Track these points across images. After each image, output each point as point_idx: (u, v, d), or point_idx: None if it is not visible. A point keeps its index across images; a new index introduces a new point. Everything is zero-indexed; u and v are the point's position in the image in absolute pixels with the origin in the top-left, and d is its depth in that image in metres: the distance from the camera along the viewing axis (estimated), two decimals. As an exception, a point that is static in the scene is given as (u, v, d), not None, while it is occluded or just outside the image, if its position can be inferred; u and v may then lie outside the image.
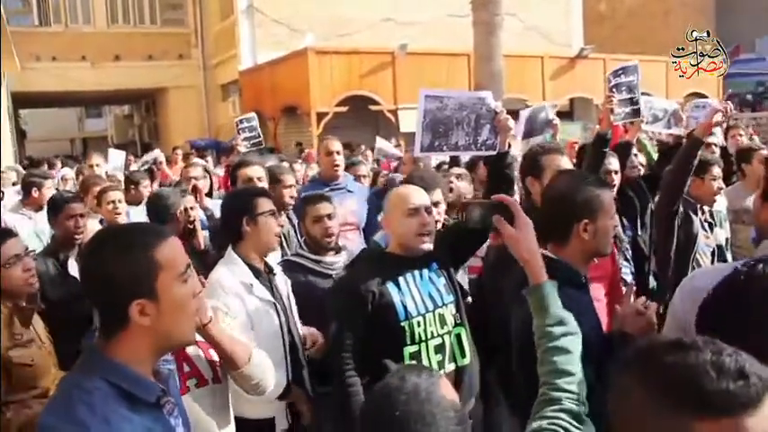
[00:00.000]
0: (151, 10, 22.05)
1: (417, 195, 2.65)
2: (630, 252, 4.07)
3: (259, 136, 6.55)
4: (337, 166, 4.73)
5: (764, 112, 18.82)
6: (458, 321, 2.66)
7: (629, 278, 3.96)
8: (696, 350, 0.99)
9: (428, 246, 2.60)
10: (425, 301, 2.59)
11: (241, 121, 6.61)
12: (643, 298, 2.09)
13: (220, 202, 3.63)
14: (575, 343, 1.59)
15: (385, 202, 2.75)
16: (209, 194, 5.36)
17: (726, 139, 5.77)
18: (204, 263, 3.14)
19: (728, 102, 3.99)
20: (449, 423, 1.22)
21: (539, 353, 1.60)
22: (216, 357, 2.35)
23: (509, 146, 2.91)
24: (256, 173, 4.15)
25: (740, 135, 5.93)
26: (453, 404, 1.27)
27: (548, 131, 5.55)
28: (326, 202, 3.34)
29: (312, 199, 3.42)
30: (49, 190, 5.50)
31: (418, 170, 4.08)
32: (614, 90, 4.41)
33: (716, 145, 4.75)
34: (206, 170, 7.63)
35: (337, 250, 3.33)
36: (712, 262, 3.79)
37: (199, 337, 2.04)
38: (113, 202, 4.51)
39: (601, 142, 3.86)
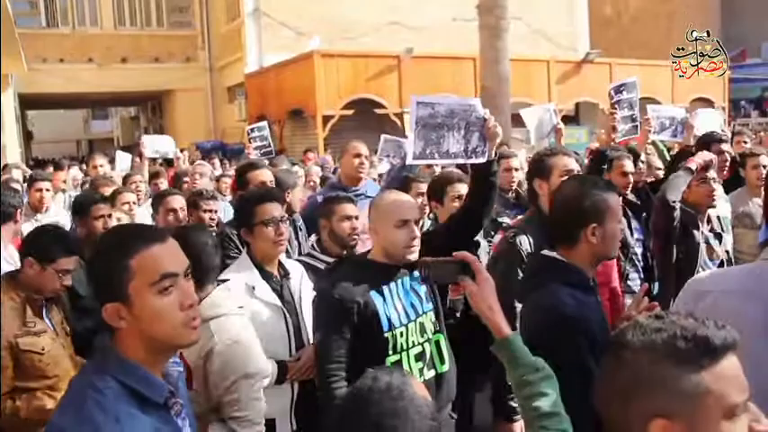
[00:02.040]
0: (158, 12, 22.13)
1: (408, 207, 2.56)
2: (641, 258, 4.02)
3: (270, 145, 6.61)
4: (363, 168, 4.63)
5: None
6: (437, 328, 2.62)
7: (635, 285, 3.92)
8: (671, 316, 1.10)
9: (414, 255, 2.51)
10: (408, 311, 2.53)
11: (252, 130, 6.67)
12: (647, 299, 2.13)
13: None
14: (553, 385, 1.63)
15: (371, 209, 2.64)
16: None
17: (731, 145, 5.74)
18: None
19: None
20: (422, 418, 1.25)
21: (520, 400, 1.64)
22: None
23: (496, 154, 2.89)
24: (268, 176, 4.18)
25: (745, 142, 5.89)
26: (426, 401, 1.30)
27: (552, 136, 5.54)
28: (352, 204, 3.38)
29: (338, 199, 3.45)
30: (48, 192, 5.50)
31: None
32: (616, 107, 4.44)
33: (728, 152, 4.71)
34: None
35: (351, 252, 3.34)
36: None
37: None
38: (128, 203, 4.60)
39: (600, 159, 3.87)
